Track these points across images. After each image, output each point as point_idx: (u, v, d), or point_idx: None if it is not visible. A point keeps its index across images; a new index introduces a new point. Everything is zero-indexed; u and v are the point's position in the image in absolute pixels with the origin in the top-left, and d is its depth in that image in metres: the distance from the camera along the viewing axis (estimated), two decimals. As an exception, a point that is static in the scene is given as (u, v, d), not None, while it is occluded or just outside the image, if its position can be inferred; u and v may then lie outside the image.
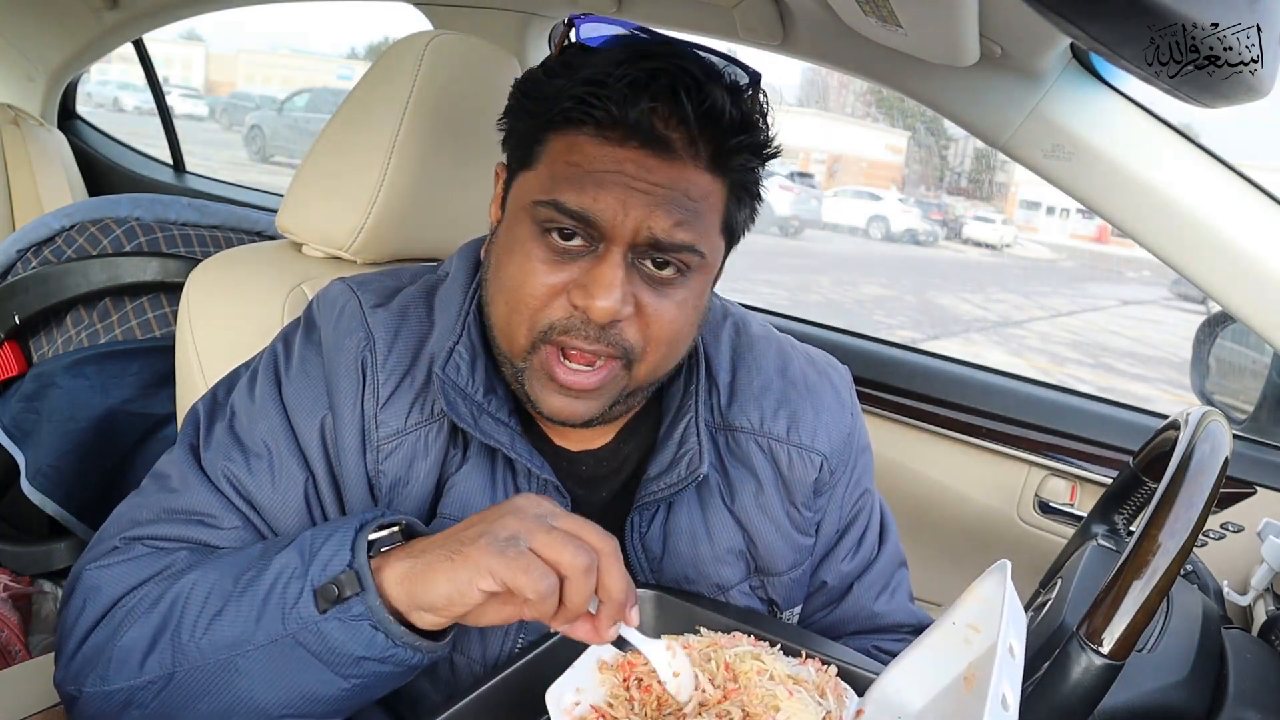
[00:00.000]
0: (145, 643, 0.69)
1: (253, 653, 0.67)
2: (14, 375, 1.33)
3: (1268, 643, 0.93)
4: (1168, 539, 0.63)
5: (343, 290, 0.84)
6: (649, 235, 0.72)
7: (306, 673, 0.66)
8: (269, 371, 0.82)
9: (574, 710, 0.63)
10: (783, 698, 0.64)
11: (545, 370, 0.75)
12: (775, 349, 0.92)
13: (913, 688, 0.66)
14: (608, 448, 0.87)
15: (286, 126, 15.03)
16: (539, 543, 0.62)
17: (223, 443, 0.80)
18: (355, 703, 0.69)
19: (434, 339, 0.82)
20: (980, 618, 0.64)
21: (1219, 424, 0.74)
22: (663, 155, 0.71)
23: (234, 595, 0.68)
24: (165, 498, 0.78)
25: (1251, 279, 1.12)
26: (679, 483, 0.82)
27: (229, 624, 0.67)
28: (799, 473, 0.87)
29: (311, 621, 0.65)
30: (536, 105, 0.75)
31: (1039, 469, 1.51)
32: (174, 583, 0.71)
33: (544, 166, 0.74)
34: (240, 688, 0.67)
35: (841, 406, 0.92)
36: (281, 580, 0.67)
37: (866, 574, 0.94)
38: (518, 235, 0.75)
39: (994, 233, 18.07)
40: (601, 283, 0.71)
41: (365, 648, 0.65)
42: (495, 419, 0.79)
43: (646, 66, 0.70)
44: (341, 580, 0.65)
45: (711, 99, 0.71)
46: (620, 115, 0.70)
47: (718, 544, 0.86)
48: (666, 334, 0.76)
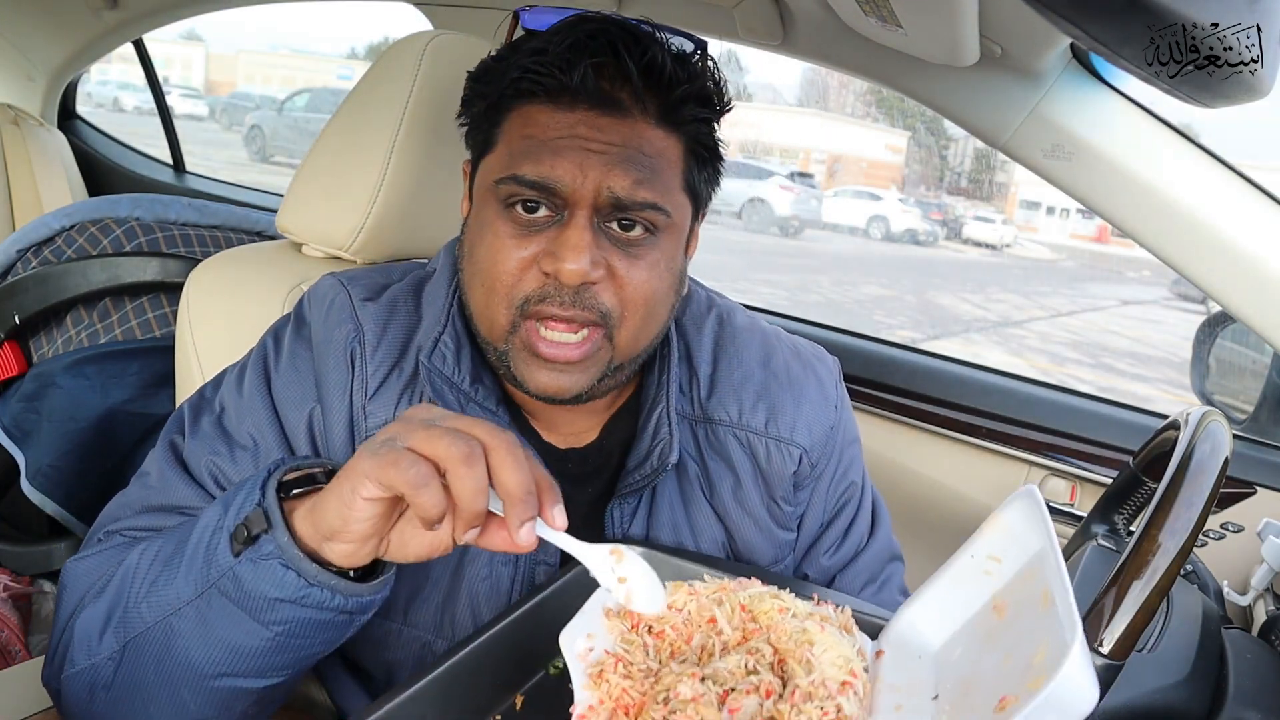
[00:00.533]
0: (101, 619, 0.70)
1: (185, 610, 0.66)
2: (14, 375, 1.33)
3: (1268, 643, 0.93)
4: (1168, 539, 0.63)
5: (332, 284, 0.85)
6: (610, 195, 0.73)
7: (231, 624, 0.65)
8: (258, 366, 0.83)
9: (588, 656, 0.60)
10: (815, 632, 0.61)
11: (528, 347, 0.75)
12: (759, 340, 0.92)
13: (931, 625, 0.65)
14: (593, 445, 0.87)
15: (286, 126, 15.04)
16: (415, 439, 0.59)
17: (209, 436, 0.80)
18: (286, 657, 0.67)
19: (421, 331, 0.82)
20: (1001, 548, 0.63)
21: (1219, 424, 0.74)
22: (613, 114, 0.73)
23: (171, 558, 0.68)
24: (145, 494, 0.79)
25: (1251, 279, 1.12)
26: (651, 473, 0.82)
27: (164, 585, 0.67)
28: (777, 466, 0.87)
29: (227, 566, 0.64)
30: (487, 88, 0.78)
31: (1039, 469, 1.51)
32: (126, 558, 0.71)
33: (502, 146, 0.76)
34: (177, 649, 0.66)
35: (825, 399, 0.91)
36: (206, 534, 0.67)
37: (852, 566, 0.94)
38: (485, 218, 0.77)
39: (994, 233, 18.07)
40: (568, 245, 0.72)
41: (278, 588, 0.62)
42: (483, 408, 0.80)
43: (584, 29, 0.73)
44: (251, 519, 0.63)
45: (651, 54, 0.73)
46: (565, 79, 0.72)
47: (700, 536, 0.87)
48: (642, 295, 0.76)
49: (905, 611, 0.67)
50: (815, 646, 0.60)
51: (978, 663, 0.59)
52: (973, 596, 0.64)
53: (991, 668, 0.57)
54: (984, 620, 0.62)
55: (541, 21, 0.77)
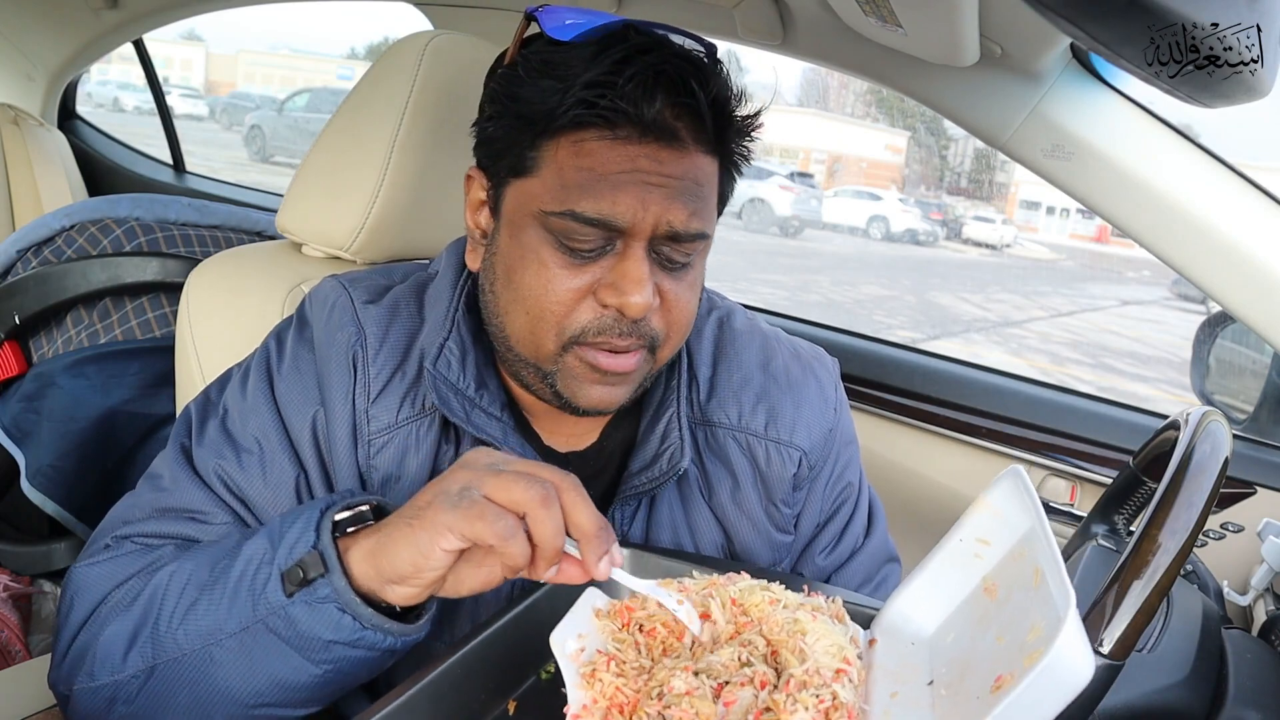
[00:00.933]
0: (127, 637, 0.69)
1: (226, 641, 0.66)
2: (14, 375, 1.33)
3: (1268, 643, 0.93)
4: (1168, 539, 0.63)
5: (334, 287, 0.85)
6: (668, 228, 0.72)
7: (278, 660, 0.65)
8: (261, 368, 0.82)
9: (580, 656, 0.60)
10: (806, 621, 0.61)
11: (586, 363, 0.75)
12: (759, 343, 0.92)
13: (923, 611, 0.65)
14: (593, 448, 0.87)
15: (286, 126, 15.04)
16: (490, 488, 0.60)
17: (215, 440, 0.80)
18: (331, 690, 0.68)
19: (424, 335, 0.82)
20: (989, 531, 0.63)
21: (1219, 424, 0.74)
22: (674, 146, 0.72)
23: (208, 585, 0.68)
24: (157, 497, 0.79)
25: (1251, 279, 1.12)
26: (660, 477, 0.82)
27: (203, 614, 0.67)
28: (777, 469, 0.87)
29: (279, 606, 0.64)
30: (528, 109, 0.72)
31: (1039, 469, 1.51)
32: (154, 576, 0.71)
33: (549, 174, 0.72)
34: (217, 678, 0.67)
35: (824, 401, 0.91)
36: (251, 567, 0.67)
37: (847, 566, 0.94)
38: (528, 244, 0.74)
39: (994, 233, 18.06)
40: (632, 278, 0.71)
41: (333, 631, 0.64)
42: (487, 413, 0.80)
43: (648, 61, 0.69)
44: (306, 562, 0.64)
45: (716, 86, 0.72)
46: (636, 114, 0.70)
47: (699, 539, 0.86)
48: (687, 316, 0.78)
49: (897, 599, 0.67)
50: (808, 636, 0.60)
51: (972, 645, 0.60)
52: (963, 580, 0.64)
53: (986, 649, 0.57)
54: (976, 603, 0.62)
55: (562, 28, 0.73)
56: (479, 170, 0.80)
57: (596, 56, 0.70)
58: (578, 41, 0.72)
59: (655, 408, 0.85)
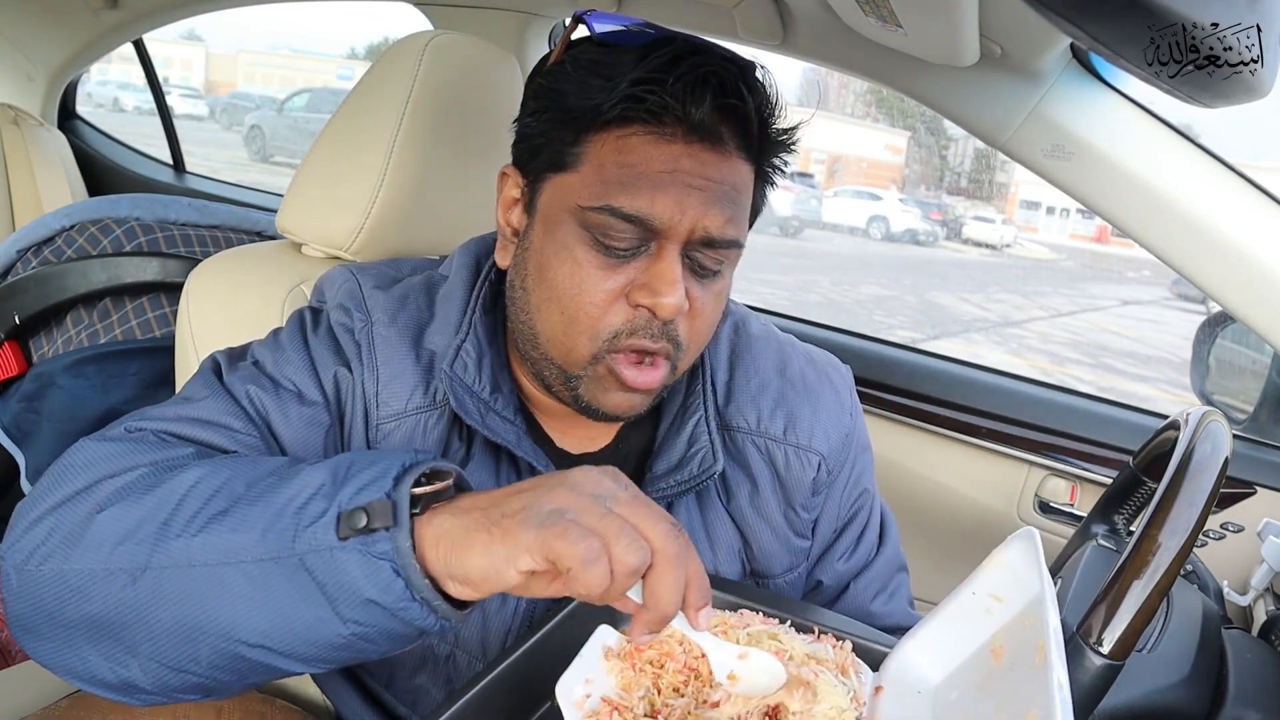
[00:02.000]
0: (126, 526, 0.61)
1: (248, 566, 0.58)
2: (14, 375, 1.33)
3: (1268, 643, 0.93)
4: (1168, 539, 0.63)
5: (342, 273, 0.85)
6: (704, 234, 0.72)
7: (302, 605, 0.57)
8: (294, 327, 0.82)
9: (585, 704, 0.60)
10: (809, 680, 0.62)
11: (613, 374, 0.74)
12: (774, 348, 0.92)
13: (930, 660, 0.65)
14: (607, 450, 0.87)
15: (286, 126, 15.04)
16: (588, 523, 0.54)
17: (249, 374, 0.78)
18: (345, 655, 0.60)
19: (434, 329, 0.82)
20: (1002, 586, 0.63)
21: (1219, 424, 0.74)
22: (715, 149, 0.72)
23: (244, 499, 0.60)
24: (181, 407, 0.74)
25: (1251, 279, 1.12)
26: (691, 480, 0.82)
27: (230, 528, 0.59)
28: (796, 473, 0.87)
29: (325, 546, 0.56)
30: (574, 103, 0.72)
31: (1039, 469, 1.51)
32: (177, 473, 0.63)
33: (589, 170, 0.72)
34: (217, 603, 0.58)
35: (841, 407, 0.91)
36: (303, 495, 0.59)
37: (864, 574, 0.94)
38: (563, 241, 0.74)
39: (994, 233, 18.07)
40: (666, 280, 0.71)
41: (380, 591, 0.56)
42: (502, 417, 0.79)
43: (698, 61, 0.70)
44: (374, 508, 0.56)
45: (765, 93, 0.73)
46: (683, 113, 0.70)
47: (717, 544, 0.86)
48: (709, 324, 0.78)
49: (905, 645, 0.67)
50: None
51: (974, 710, 0.59)
52: (972, 634, 0.64)
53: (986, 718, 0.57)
54: (982, 662, 0.62)
55: (614, 35, 0.73)
56: (514, 168, 0.80)
57: (645, 57, 0.70)
58: (626, 44, 0.72)
59: (677, 411, 0.85)
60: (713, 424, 0.84)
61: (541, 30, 1.79)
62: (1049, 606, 0.57)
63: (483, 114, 1.11)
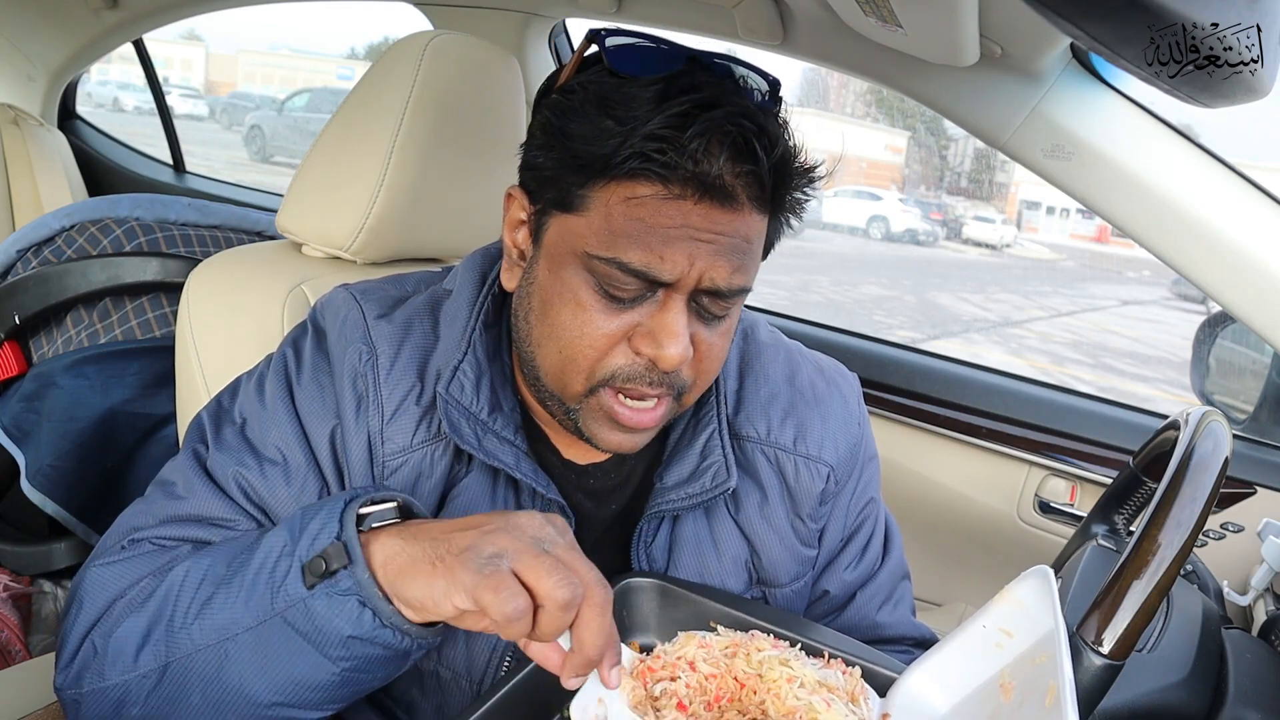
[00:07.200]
0: (140, 634, 0.68)
1: (242, 636, 0.64)
2: (14, 375, 1.33)
3: (1268, 643, 0.93)
4: (1168, 539, 0.63)
5: (345, 299, 0.83)
6: (711, 284, 0.71)
7: (295, 657, 0.64)
8: (279, 377, 0.81)
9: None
10: (820, 709, 0.62)
11: (606, 411, 0.74)
12: (783, 357, 0.91)
13: (938, 690, 0.65)
14: (614, 460, 0.86)
15: (286, 126, 15.02)
16: (522, 564, 0.58)
17: (234, 447, 0.78)
18: (347, 691, 0.67)
19: (439, 353, 0.80)
20: (1014, 622, 0.63)
21: (1219, 424, 0.74)
22: (727, 206, 0.70)
23: (225, 579, 0.66)
24: (171, 504, 0.77)
25: (1251, 279, 1.12)
26: (703, 493, 0.81)
27: (219, 608, 0.65)
28: (805, 483, 0.87)
29: (299, 599, 0.62)
30: (582, 148, 0.70)
31: (1039, 469, 1.51)
32: (169, 573, 0.70)
33: (596, 217, 0.70)
34: (231, 676, 0.65)
35: (849, 416, 0.91)
36: (271, 558, 0.65)
37: (870, 584, 0.94)
38: (567, 282, 0.72)
39: (994, 233, 18.06)
40: (670, 331, 0.70)
41: (353, 625, 0.62)
42: (500, 437, 0.78)
43: (713, 118, 0.66)
44: (329, 553, 0.62)
45: (780, 146, 0.70)
46: (695, 173, 0.67)
47: (724, 555, 0.85)
48: (715, 365, 0.77)
49: (914, 673, 0.67)
50: None
51: None
52: (981, 668, 0.64)
53: None
54: (990, 696, 0.62)
55: (629, 62, 0.70)
56: (521, 191, 0.78)
57: (659, 102, 0.67)
58: (639, 77, 0.69)
59: (689, 422, 0.85)
60: (726, 437, 0.83)
61: (541, 30, 1.79)
62: (1063, 650, 0.56)
63: (483, 114, 1.11)
